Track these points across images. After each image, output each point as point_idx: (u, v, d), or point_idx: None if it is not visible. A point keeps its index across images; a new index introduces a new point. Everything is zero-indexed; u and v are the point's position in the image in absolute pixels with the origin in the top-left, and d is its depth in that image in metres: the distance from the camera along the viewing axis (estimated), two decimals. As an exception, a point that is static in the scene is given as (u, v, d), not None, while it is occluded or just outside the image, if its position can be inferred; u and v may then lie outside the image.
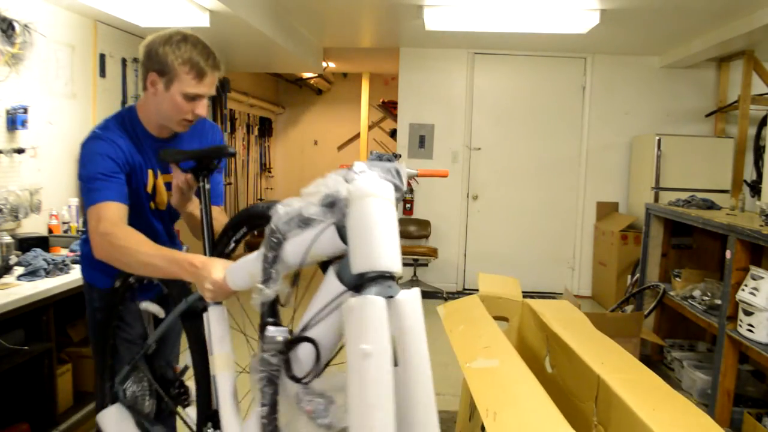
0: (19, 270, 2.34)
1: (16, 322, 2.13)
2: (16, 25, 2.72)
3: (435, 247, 5.50)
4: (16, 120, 2.75)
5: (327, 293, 0.98)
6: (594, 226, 5.60)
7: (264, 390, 1.03)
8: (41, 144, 2.97)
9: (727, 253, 2.62)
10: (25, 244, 2.59)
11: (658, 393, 1.35)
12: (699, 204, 3.51)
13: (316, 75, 7.67)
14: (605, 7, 3.86)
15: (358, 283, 0.92)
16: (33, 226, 2.92)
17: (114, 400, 1.69)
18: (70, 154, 3.23)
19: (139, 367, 1.62)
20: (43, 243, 2.70)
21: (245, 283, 1.15)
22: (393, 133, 6.64)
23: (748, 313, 2.43)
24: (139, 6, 3.15)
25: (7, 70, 2.72)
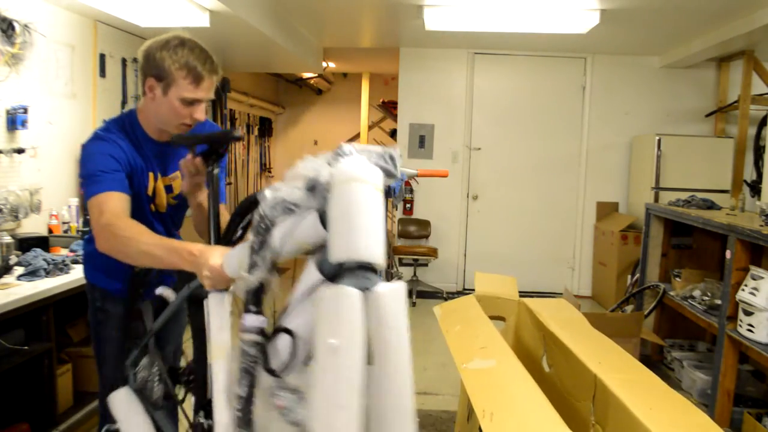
0: (19, 270, 2.34)
1: (16, 322, 2.13)
2: (16, 25, 2.72)
3: (435, 247, 5.50)
4: (16, 120, 2.75)
5: (306, 284, 0.94)
6: (594, 226, 5.60)
7: (241, 381, 1.00)
8: (41, 144, 2.97)
9: (727, 253, 2.62)
10: (25, 244, 2.59)
11: (655, 392, 1.35)
12: (699, 204, 3.50)
13: (316, 75, 7.67)
14: (605, 7, 3.86)
15: (335, 273, 0.87)
16: (33, 226, 2.92)
17: (125, 382, 1.67)
18: (70, 154, 3.23)
19: (150, 352, 1.60)
20: (43, 243, 2.70)
21: (239, 270, 1.12)
22: (393, 133, 6.64)
23: (748, 313, 2.44)
24: (139, 6, 3.15)
25: (7, 70, 2.72)
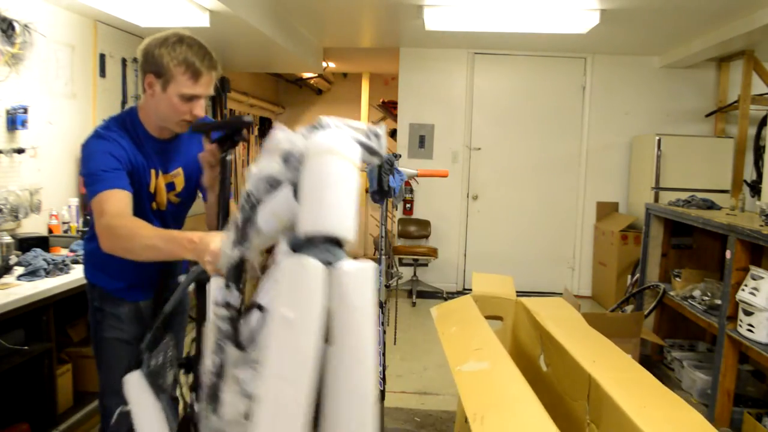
0: (19, 270, 2.34)
1: (16, 322, 2.13)
2: (16, 25, 2.71)
3: (435, 247, 5.50)
4: (16, 120, 2.75)
5: (277, 258, 0.92)
6: (594, 226, 5.60)
7: (213, 355, 0.99)
8: (41, 144, 2.96)
9: (727, 253, 2.62)
10: (25, 244, 2.59)
11: (649, 390, 1.35)
12: (699, 204, 3.50)
13: (316, 75, 7.66)
14: (605, 7, 3.86)
15: (301, 245, 0.84)
16: (33, 226, 2.92)
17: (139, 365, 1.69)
18: (70, 154, 3.23)
19: (165, 337, 1.59)
20: (43, 243, 2.70)
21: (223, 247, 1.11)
22: (393, 133, 6.63)
23: (748, 313, 2.43)
24: (139, 6, 3.15)
25: (7, 70, 2.72)
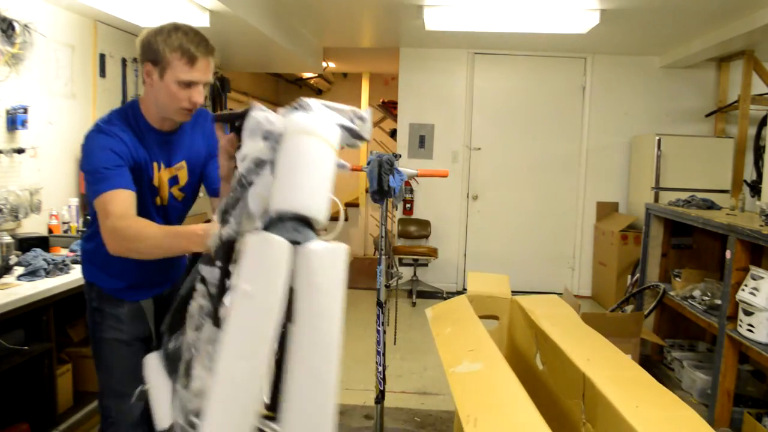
0: (19, 270, 2.34)
1: (16, 322, 2.12)
2: (16, 25, 2.71)
3: (435, 247, 5.50)
4: (16, 120, 2.75)
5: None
6: (594, 226, 5.60)
7: (193, 332, 0.99)
8: (41, 144, 2.96)
9: (727, 253, 2.62)
10: (25, 244, 2.58)
11: (643, 389, 1.35)
12: (699, 204, 3.50)
13: (316, 75, 7.67)
14: (605, 7, 3.86)
15: (271, 223, 0.85)
16: (33, 226, 2.92)
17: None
18: (70, 154, 3.23)
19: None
20: (43, 243, 2.69)
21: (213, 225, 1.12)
22: (393, 133, 6.63)
23: (748, 313, 2.43)
24: (139, 6, 3.15)
25: (7, 70, 2.72)
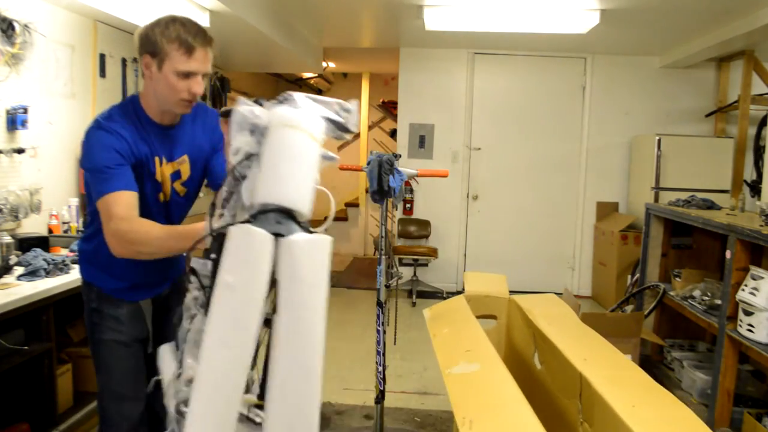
0: (19, 270, 2.34)
1: (16, 322, 2.12)
2: (16, 25, 2.71)
3: (435, 247, 5.50)
4: (16, 120, 2.75)
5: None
6: (594, 226, 5.60)
7: (188, 322, 1.01)
8: (41, 144, 2.96)
9: (727, 253, 2.62)
10: (25, 244, 2.58)
11: (640, 389, 1.34)
12: (699, 204, 3.50)
13: (316, 75, 7.67)
14: (605, 7, 3.86)
15: (255, 216, 0.88)
16: (33, 226, 2.92)
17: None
18: (70, 154, 3.22)
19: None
20: (43, 243, 2.69)
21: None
22: (393, 133, 6.64)
23: (748, 313, 2.43)
24: (139, 6, 3.14)
25: (7, 70, 2.72)
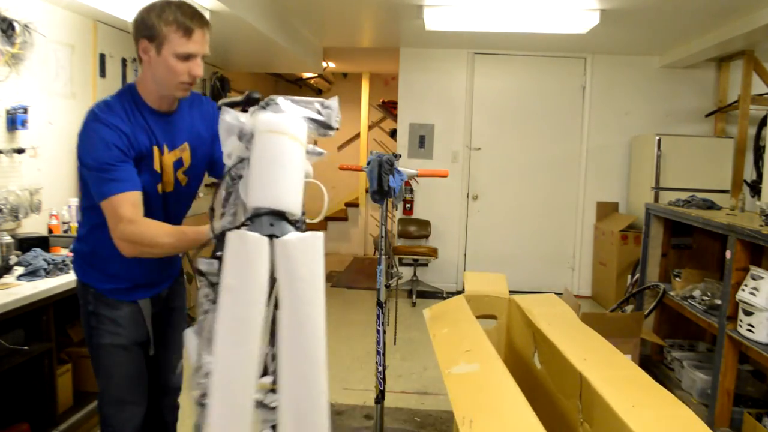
0: (19, 270, 2.34)
1: (16, 322, 2.12)
2: (16, 25, 2.71)
3: (435, 247, 5.50)
4: (16, 120, 2.75)
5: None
6: (594, 226, 5.60)
7: (204, 317, 1.04)
8: (41, 144, 2.96)
9: (727, 253, 2.62)
10: (25, 244, 2.58)
11: (639, 388, 1.34)
12: (699, 204, 3.50)
13: (316, 75, 7.67)
14: (605, 7, 3.86)
15: (250, 219, 0.94)
16: (33, 226, 2.92)
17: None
18: (70, 154, 3.22)
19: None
20: (43, 243, 2.69)
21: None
22: (393, 133, 6.64)
23: (748, 313, 2.43)
24: (139, 6, 3.14)
25: (7, 70, 2.72)
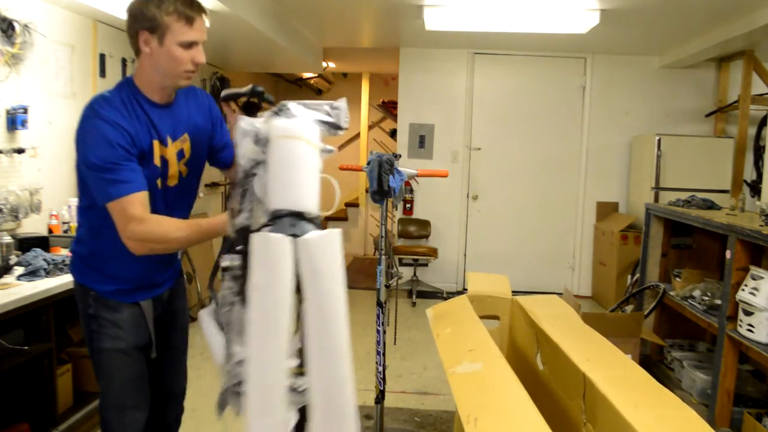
0: (19, 270, 2.34)
1: (16, 322, 2.12)
2: (16, 25, 2.71)
3: (435, 247, 5.50)
4: (16, 120, 2.75)
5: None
6: (594, 226, 5.60)
7: (228, 308, 1.10)
8: (41, 144, 2.96)
9: (727, 253, 2.62)
10: (25, 244, 2.58)
11: (643, 389, 1.34)
12: (699, 204, 3.50)
13: (316, 75, 7.67)
14: (605, 7, 3.86)
15: (271, 220, 0.99)
16: (33, 226, 2.92)
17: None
18: (70, 153, 3.20)
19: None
20: (43, 243, 2.69)
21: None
22: (393, 133, 6.64)
23: (748, 313, 2.44)
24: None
25: (7, 70, 2.72)
